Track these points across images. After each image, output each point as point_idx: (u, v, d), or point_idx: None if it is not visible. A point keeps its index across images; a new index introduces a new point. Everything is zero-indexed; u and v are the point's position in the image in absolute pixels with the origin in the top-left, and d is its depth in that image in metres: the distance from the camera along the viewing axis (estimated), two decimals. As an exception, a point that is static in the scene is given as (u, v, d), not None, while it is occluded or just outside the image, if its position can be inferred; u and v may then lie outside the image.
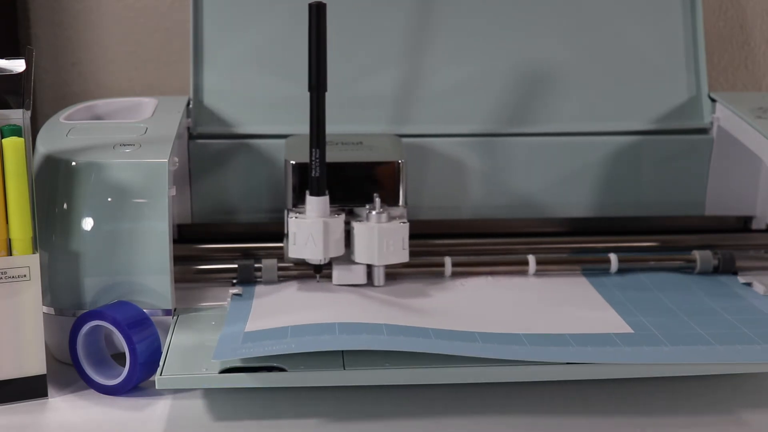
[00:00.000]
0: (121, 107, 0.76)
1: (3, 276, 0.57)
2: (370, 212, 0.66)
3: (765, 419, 0.56)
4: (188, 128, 0.75)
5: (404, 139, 0.74)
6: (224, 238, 0.74)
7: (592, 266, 0.72)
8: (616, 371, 0.56)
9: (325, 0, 0.62)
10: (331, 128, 0.65)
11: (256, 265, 0.69)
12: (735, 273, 0.71)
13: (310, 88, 0.64)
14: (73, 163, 0.62)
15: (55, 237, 0.62)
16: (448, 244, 0.74)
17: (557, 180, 0.77)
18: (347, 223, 0.66)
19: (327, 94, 0.64)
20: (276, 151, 0.75)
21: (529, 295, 0.67)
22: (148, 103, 0.75)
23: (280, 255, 0.71)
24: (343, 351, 0.56)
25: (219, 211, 0.76)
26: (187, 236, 0.75)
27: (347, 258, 0.67)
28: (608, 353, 0.56)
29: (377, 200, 0.66)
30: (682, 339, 0.58)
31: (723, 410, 0.57)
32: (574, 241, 0.75)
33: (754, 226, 0.79)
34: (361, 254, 0.66)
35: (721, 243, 0.75)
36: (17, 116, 0.57)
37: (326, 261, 0.66)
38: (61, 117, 0.72)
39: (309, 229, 0.65)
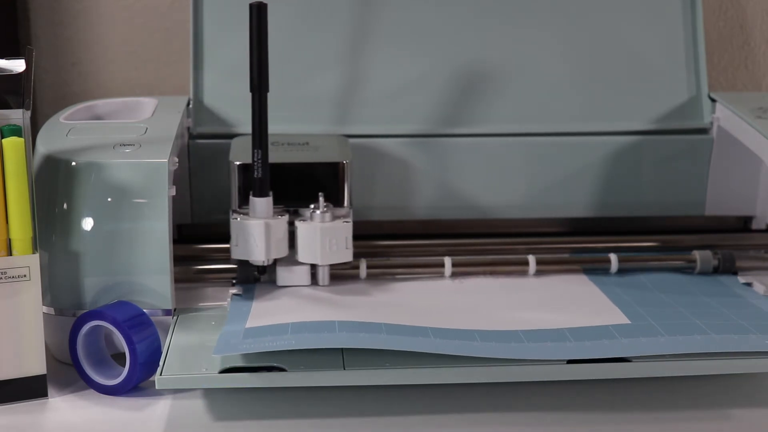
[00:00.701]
0: (121, 107, 0.76)
1: (3, 276, 0.57)
2: (314, 212, 0.66)
3: (758, 416, 0.56)
4: (188, 128, 0.75)
5: (353, 140, 0.74)
6: (224, 238, 0.74)
7: (592, 266, 0.72)
8: (615, 371, 0.55)
9: (266, 0, 0.62)
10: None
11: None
12: (735, 273, 0.71)
13: (252, 89, 0.64)
14: (73, 163, 0.62)
15: (55, 237, 0.62)
16: (448, 244, 0.74)
17: (557, 180, 0.77)
18: (291, 224, 0.66)
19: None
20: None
21: (528, 291, 0.68)
22: (148, 103, 0.75)
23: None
24: (342, 351, 0.56)
25: (219, 211, 0.76)
26: (187, 236, 0.75)
27: (291, 259, 0.67)
28: (606, 347, 0.56)
29: (321, 199, 0.66)
30: (678, 329, 0.58)
31: (717, 406, 0.57)
32: (574, 241, 0.75)
33: (754, 226, 0.79)
34: (304, 254, 0.66)
35: (721, 243, 0.75)
36: (17, 116, 0.57)
37: (270, 262, 0.66)
38: (61, 117, 0.72)
39: (250, 231, 0.65)
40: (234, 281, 0.69)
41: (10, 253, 0.57)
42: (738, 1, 0.93)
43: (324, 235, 0.65)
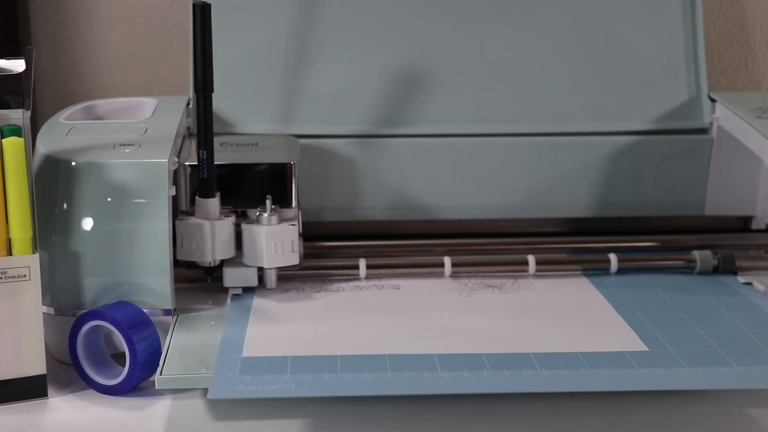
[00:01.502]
0: (121, 107, 0.76)
1: (3, 276, 0.57)
2: (260, 214, 0.66)
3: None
4: (188, 128, 0.75)
5: (303, 140, 0.74)
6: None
7: (592, 266, 0.72)
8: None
9: (210, 0, 0.62)
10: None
11: (256, 265, 0.69)
12: (735, 273, 0.71)
13: (196, 89, 0.64)
14: (73, 163, 0.62)
15: (55, 237, 0.62)
16: (449, 244, 0.74)
17: (557, 180, 0.77)
18: (238, 225, 0.66)
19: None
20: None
21: (536, 305, 0.65)
22: (148, 103, 0.75)
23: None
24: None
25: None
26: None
27: (239, 260, 0.67)
28: (623, 378, 0.53)
29: (268, 202, 0.66)
30: (698, 358, 0.56)
31: (732, 407, 0.57)
32: (574, 241, 0.75)
33: (754, 226, 0.79)
34: (250, 257, 0.66)
35: (721, 243, 0.75)
36: (17, 116, 0.57)
37: (216, 263, 0.66)
38: (61, 117, 0.72)
39: (195, 231, 0.65)
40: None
41: (10, 253, 0.57)
42: (738, 1, 0.93)
43: (270, 239, 0.65)
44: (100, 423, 0.56)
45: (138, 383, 0.59)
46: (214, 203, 0.65)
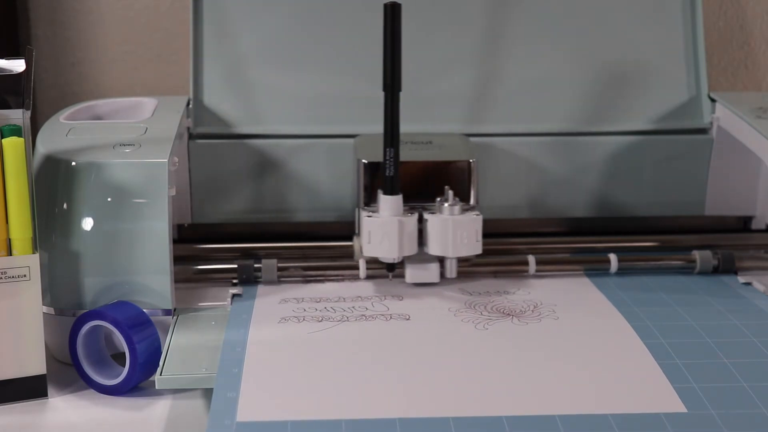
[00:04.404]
0: (121, 107, 0.76)
1: (3, 276, 0.57)
2: (442, 204, 0.66)
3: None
4: (188, 128, 0.75)
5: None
6: (224, 238, 0.74)
7: (592, 266, 0.71)
8: None
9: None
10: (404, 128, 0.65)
11: (256, 265, 0.69)
12: (735, 273, 0.71)
13: (385, 88, 0.64)
14: (73, 163, 0.62)
15: (55, 237, 0.62)
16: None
17: (557, 180, 0.77)
18: (419, 222, 0.66)
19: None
20: (276, 151, 0.75)
21: (559, 340, 0.59)
22: (148, 103, 0.75)
23: (280, 255, 0.71)
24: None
25: (219, 211, 0.76)
26: (187, 236, 0.75)
27: (419, 257, 0.67)
28: None
29: (450, 192, 0.66)
30: (743, 424, 0.49)
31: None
32: (574, 241, 0.75)
33: (754, 226, 0.79)
34: (434, 246, 0.66)
35: (721, 243, 0.75)
36: (17, 116, 0.57)
37: (399, 259, 0.66)
38: (61, 117, 0.72)
39: (384, 228, 0.65)
40: (234, 281, 0.69)
41: (10, 253, 0.57)
42: (738, 1, 0.93)
43: (456, 228, 0.65)
44: (100, 423, 0.56)
45: (138, 383, 0.59)
46: (398, 200, 0.65)
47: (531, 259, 0.71)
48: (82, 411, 0.57)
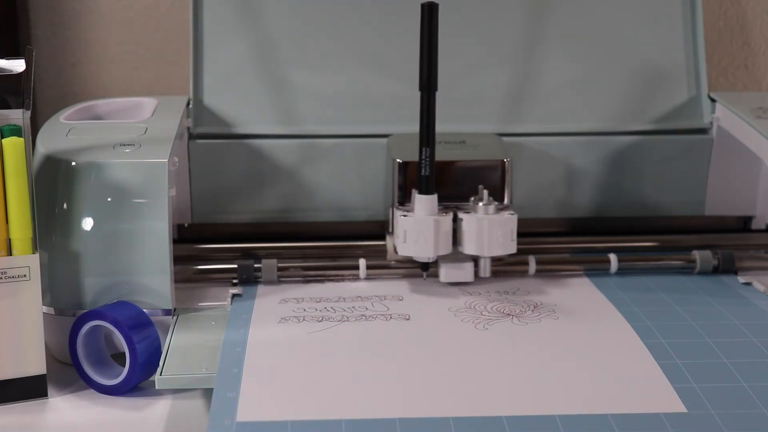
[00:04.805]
0: (121, 107, 0.76)
1: (3, 276, 0.57)
2: (476, 203, 0.66)
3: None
4: (188, 128, 0.75)
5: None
6: (224, 238, 0.74)
7: (592, 266, 0.71)
8: None
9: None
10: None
11: (256, 265, 0.69)
12: (735, 273, 0.71)
13: (421, 87, 0.64)
14: (73, 163, 0.62)
15: (55, 237, 0.62)
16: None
17: (557, 180, 0.77)
18: (453, 221, 0.67)
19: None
20: (276, 151, 0.75)
21: (559, 338, 0.59)
22: (148, 103, 0.75)
23: (280, 255, 0.71)
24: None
25: (219, 211, 0.76)
26: (187, 236, 0.75)
27: (453, 256, 0.67)
28: None
29: (485, 192, 0.66)
30: (743, 424, 0.49)
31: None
32: (574, 241, 0.75)
33: (754, 226, 0.79)
34: (469, 245, 0.66)
35: (721, 243, 0.75)
36: (17, 116, 0.57)
37: (434, 259, 0.67)
38: (61, 117, 0.72)
39: (419, 227, 0.65)
40: (234, 281, 0.69)
41: (10, 253, 0.57)
42: (738, 1, 0.93)
43: (491, 227, 0.65)
44: (100, 423, 0.56)
45: (138, 383, 0.59)
46: (434, 200, 0.66)
47: (531, 259, 0.71)
48: (82, 411, 0.57)
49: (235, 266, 0.69)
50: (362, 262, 0.70)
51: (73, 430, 0.55)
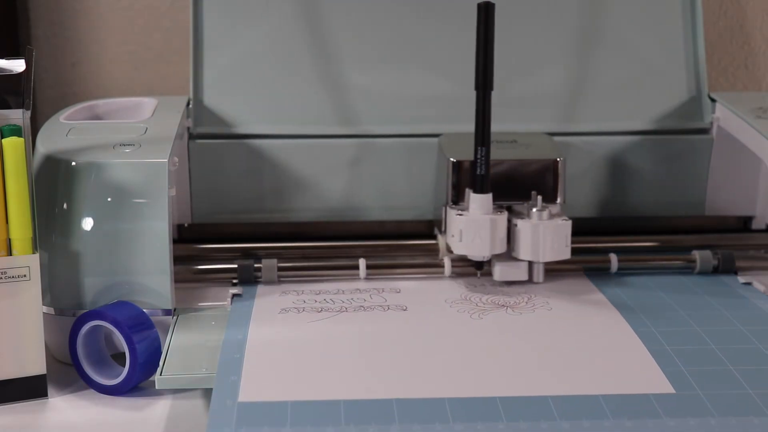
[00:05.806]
0: (121, 107, 0.76)
1: (3, 276, 0.57)
2: (530, 210, 0.66)
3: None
4: (188, 128, 0.75)
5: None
6: (224, 238, 0.74)
7: (591, 266, 0.71)
8: None
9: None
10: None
11: (256, 265, 0.69)
12: (735, 273, 0.71)
13: (477, 87, 0.65)
14: (73, 163, 0.62)
15: (55, 237, 0.62)
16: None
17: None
18: (508, 221, 0.67)
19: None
20: (276, 151, 0.75)
21: (552, 328, 0.61)
22: (148, 103, 0.75)
23: (280, 255, 0.71)
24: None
25: (219, 211, 0.76)
26: (187, 236, 0.75)
27: (507, 255, 0.67)
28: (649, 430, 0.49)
29: (538, 198, 0.67)
30: (729, 404, 0.51)
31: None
32: (574, 241, 0.75)
33: (754, 226, 0.79)
34: (524, 251, 0.66)
35: (721, 243, 0.75)
36: (17, 116, 0.57)
37: (489, 258, 0.67)
38: (61, 117, 0.72)
39: (476, 226, 0.65)
40: (234, 281, 0.69)
41: (10, 253, 0.57)
42: (738, 1, 0.93)
43: (546, 234, 0.66)
44: (100, 423, 0.56)
45: (138, 383, 0.59)
46: (488, 199, 0.66)
47: (531, 258, 0.71)
48: (82, 411, 0.57)
49: (235, 266, 0.69)
50: (362, 262, 0.70)
51: (73, 430, 0.55)
